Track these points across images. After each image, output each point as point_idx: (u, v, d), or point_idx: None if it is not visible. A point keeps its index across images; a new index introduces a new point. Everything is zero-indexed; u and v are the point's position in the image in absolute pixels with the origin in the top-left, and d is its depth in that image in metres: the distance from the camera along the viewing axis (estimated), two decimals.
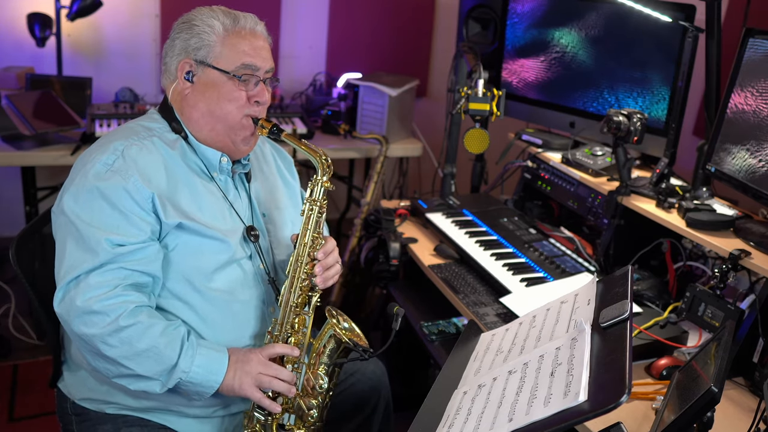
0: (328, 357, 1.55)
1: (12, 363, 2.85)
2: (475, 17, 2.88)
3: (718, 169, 1.93)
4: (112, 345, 1.36)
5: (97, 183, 1.40)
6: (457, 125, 2.77)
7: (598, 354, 1.12)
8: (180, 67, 1.52)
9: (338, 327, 1.54)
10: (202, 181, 1.53)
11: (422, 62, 4.20)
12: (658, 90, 2.29)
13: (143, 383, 1.40)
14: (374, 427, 1.81)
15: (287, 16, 3.87)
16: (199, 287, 1.47)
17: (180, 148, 1.53)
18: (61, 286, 1.38)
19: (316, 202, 1.54)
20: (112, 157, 1.43)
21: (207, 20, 1.50)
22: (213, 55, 1.49)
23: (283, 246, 1.66)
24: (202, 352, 1.42)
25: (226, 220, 1.54)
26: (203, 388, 1.42)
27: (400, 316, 1.49)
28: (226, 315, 1.50)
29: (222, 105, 1.51)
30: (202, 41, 1.49)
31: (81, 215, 1.39)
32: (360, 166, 4.04)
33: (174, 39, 1.53)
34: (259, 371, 1.45)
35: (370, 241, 2.62)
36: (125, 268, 1.39)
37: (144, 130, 1.52)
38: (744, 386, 1.67)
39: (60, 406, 1.61)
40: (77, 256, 1.38)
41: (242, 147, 1.57)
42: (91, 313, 1.35)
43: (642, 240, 2.12)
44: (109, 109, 3.07)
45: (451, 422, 1.19)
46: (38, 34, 3.16)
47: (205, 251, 1.48)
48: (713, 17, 2.00)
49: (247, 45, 1.51)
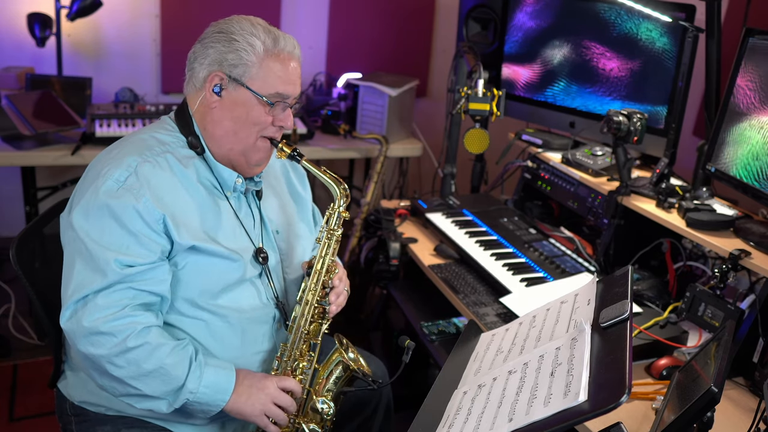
0: (334, 383, 1.56)
1: (12, 363, 2.85)
2: (475, 17, 2.88)
3: (718, 169, 1.93)
4: (119, 366, 1.36)
5: (108, 201, 1.37)
6: (457, 125, 2.77)
7: (598, 354, 1.12)
8: (210, 78, 1.47)
9: (345, 355, 1.54)
10: (215, 199, 1.51)
11: (422, 62, 4.20)
12: (657, 90, 2.29)
13: (150, 403, 1.39)
14: (375, 427, 1.81)
15: (287, 16, 3.87)
16: (205, 305, 1.46)
17: (193, 166, 1.49)
18: (69, 304, 1.36)
19: (333, 231, 1.55)
20: (125, 174, 1.40)
21: (248, 37, 1.44)
22: (249, 76, 1.45)
23: (294, 265, 1.65)
24: (209, 372, 1.41)
25: (238, 238, 1.52)
26: (210, 406, 1.42)
27: (411, 350, 1.48)
28: (234, 332, 1.50)
29: (247, 127, 1.48)
30: (240, 59, 1.44)
31: (90, 233, 1.37)
32: (360, 166, 4.04)
33: (207, 47, 1.47)
34: (272, 400, 1.45)
35: (370, 241, 2.63)
36: (134, 288, 1.37)
37: (158, 144, 1.48)
38: (744, 386, 1.67)
39: (59, 406, 1.60)
40: (85, 276, 1.36)
41: (255, 168, 1.56)
42: (98, 333, 1.34)
43: (642, 240, 2.13)
44: (109, 109, 3.07)
45: (451, 422, 1.19)
46: (38, 34, 3.15)
47: (215, 271, 1.47)
48: (713, 17, 2.00)
49: (283, 70, 1.47)
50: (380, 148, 3.34)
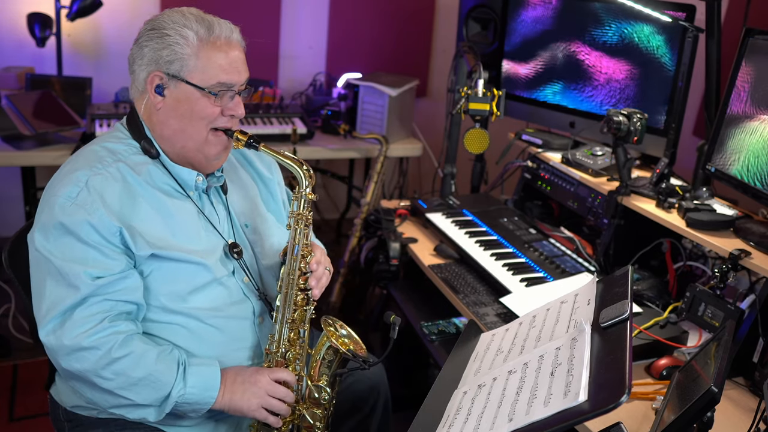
0: (328, 367, 1.55)
1: (12, 363, 2.85)
2: (475, 17, 2.88)
3: (718, 169, 1.93)
4: (106, 378, 1.34)
5: (62, 218, 1.35)
6: (457, 125, 2.77)
7: (598, 354, 1.12)
8: (150, 79, 1.43)
9: (335, 336, 1.53)
10: (175, 202, 1.47)
11: (422, 62, 4.20)
12: (657, 90, 2.29)
13: (141, 411, 1.38)
14: (373, 426, 1.81)
15: (287, 16, 3.87)
16: (177, 309, 1.44)
17: (147, 172, 1.45)
18: (47, 321, 1.34)
19: (301, 216, 1.51)
20: (76, 189, 1.37)
21: (180, 29, 1.40)
22: (187, 69, 1.41)
23: (271, 254, 1.62)
24: (193, 372, 1.40)
25: (203, 240, 1.49)
26: (200, 405, 1.41)
27: (397, 325, 1.49)
28: (215, 330, 1.48)
29: (194, 122, 1.44)
30: (175, 54, 1.40)
31: (53, 252, 1.35)
32: (360, 166, 4.04)
33: (142, 47, 1.43)
34: (267, 393, 1.45)
35: (370, 241, 2.62)
36: (109, 300, 1.36)
37: (108, 155, 1.44)
38: (744, 386, 1.67)
39: (53, 412, 1.59)
40: (58, 293, 1.34)
41: (214, 162, 1.52)
42: (81, 349, 1.33)
43: (642, 240, 2.12)
44: (109, 109, 3.07)
45: (451, 422, 1.19)
46: (38, 34, 3.16)
47: (181, 275, 1.44)
48: (713, 17, 2.00)
49: (223, 58, 1.42)
50: (380, 148, 3.34)
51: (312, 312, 1.57)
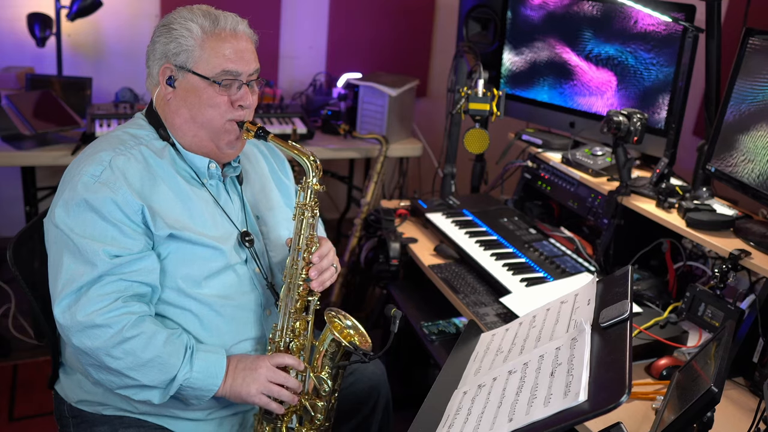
0: (330, 359, 1.55)
1: (12, 363, 2.85)
2: (475, 17, 2.88)
3: (718, 169, 1.93)
4: (116, 357, 1.36)
5: (86, 195, 1.38)
6: (457, 125, 2.77)
7: (598, 354, 1.12)
8: (161, 72, 1.49)
9: (339, 328, 1.53)
10: (193, 188, 1.51)
11: (422, 62, 4.20)
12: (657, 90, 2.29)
13: (147, 392, 1.40)
14: (373, 426, 1.81)
15: (287, 16, 3.87)
16: (191, 293, 1.46)
17: (169, 155, 1.51)
18: (62, 297, 1.36)
19: (306, 206, 1.53)
20: (99, 168, 1.41)
21: (185, 23, 1.46)
22: (192, 60, 1.46)
23: (279, 247, 1.65)
24: (200, 357, 1.42)
25: (219, 226, 1.52)
26: (203, 392, 1.42)
27: (398, 318, 1.49)
28: (223, 319, 1.50)
29: (203, 111, 1.48)
30: (180, 46, 1.46)
31: (74, 228, 1.38)
32: (360, 166, 4.04)
33: (154, 43, 1.50)
34: (268, 378, 1.46)
35: (370, 241, 2.62)
36: (125, 280, 1.38)
37: (131, 139, 1.49)
38: (744, 386, 1.67)
39: (57, 408, 1.60)
40: (75, 269, 1.37)
41: (228, 151, 1.55)
42: (94, 326, 1.34)
43: (642, 240, 2.12)
44: (109, 109, 3.07)
45: (451, 422, 1.19)
46: (38, 34, 3.16)
47: (198, 259, 1.47)
48: (713, 17, 2.00)
49: (228, 48, 1.46)
50: (380, 148, 3.34)
51: (316, 303, 1.57)
